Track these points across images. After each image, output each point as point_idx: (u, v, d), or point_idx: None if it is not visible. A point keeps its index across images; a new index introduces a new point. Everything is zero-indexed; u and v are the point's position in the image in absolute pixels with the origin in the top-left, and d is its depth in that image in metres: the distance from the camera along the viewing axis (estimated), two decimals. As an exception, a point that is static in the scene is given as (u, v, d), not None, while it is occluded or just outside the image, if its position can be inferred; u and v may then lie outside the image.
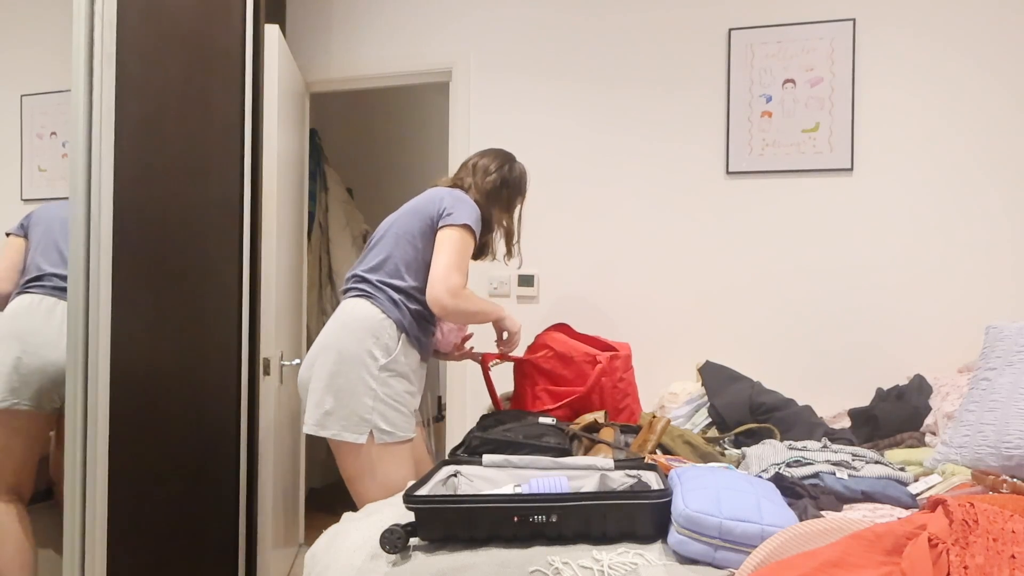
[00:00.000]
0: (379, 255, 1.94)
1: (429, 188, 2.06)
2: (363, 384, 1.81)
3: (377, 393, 1.82)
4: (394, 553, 1.24)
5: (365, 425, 1.81)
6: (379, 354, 1.83)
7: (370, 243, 2.02)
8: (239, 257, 2.45)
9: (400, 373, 1.86)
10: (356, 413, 1.81)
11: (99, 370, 1.79)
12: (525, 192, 2.19)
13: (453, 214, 1.90)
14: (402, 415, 1.87)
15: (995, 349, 1.74)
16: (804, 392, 2.62)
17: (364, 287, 1.91)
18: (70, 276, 1.78)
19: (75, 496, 1.77)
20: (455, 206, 1.92)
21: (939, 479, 1.52)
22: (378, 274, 1.91)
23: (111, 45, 1.81)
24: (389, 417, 1.83)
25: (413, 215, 1.94)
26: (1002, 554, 0.85)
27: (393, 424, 1.84)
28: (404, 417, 1.87)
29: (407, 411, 1.89)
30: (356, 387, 1.81)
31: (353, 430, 1.80)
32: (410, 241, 1.92)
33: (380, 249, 1.95)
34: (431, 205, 1.94)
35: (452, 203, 1.93)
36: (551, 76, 2.95)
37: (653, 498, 1.25)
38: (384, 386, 1.83)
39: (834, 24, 2.63)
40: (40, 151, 2.05)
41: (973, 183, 2.52)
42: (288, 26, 3.30)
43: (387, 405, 1.83)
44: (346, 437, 1.80)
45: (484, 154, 2.14)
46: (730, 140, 2.73)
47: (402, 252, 1.92)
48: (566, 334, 2.39)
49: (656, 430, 1.81)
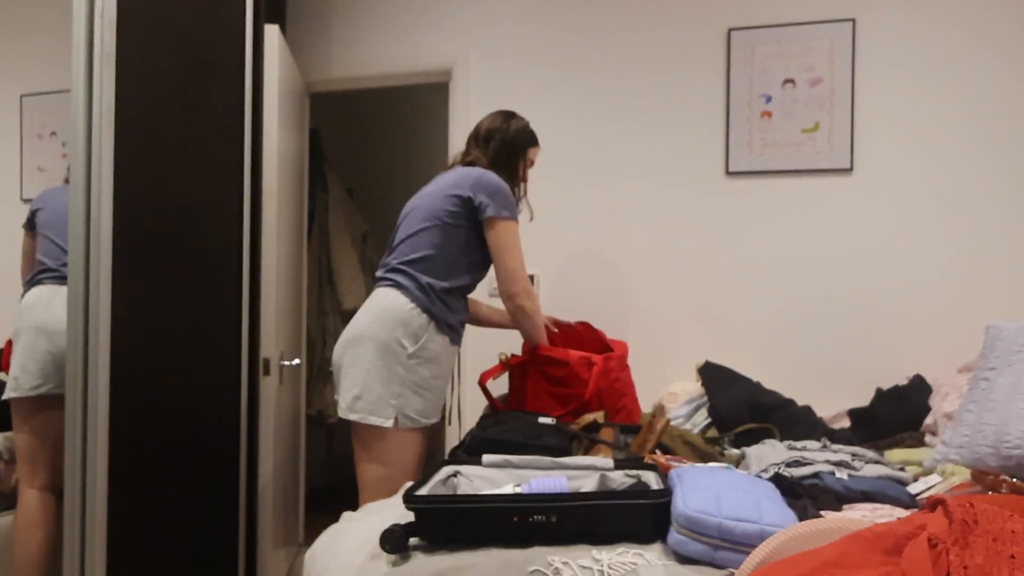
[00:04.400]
0: (408, 242, 2.02)
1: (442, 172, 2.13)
2: (392, 372, 1.92)
3: (405, 379, 1.92)
4: (394, 553, 1.24)
5: (391, 410, 1.92)
6: (407, 343, 1.93)
7: (397, 227, 2.10)
8: (239, 257, 2.45)
9: (428, 359, 1.95)
10: (383, 399, 1.91)
11: (99, 371, 1.79)
12: (529, 144, 2.20)
13: (493, 205, 1.97)
14: (427, 401, 1.96)
15: (994, 349, 1.74)
16: (804, 392, 2.62)
17: (395, 276, 2.00)
18: (70, 277, 1.78)
19: (75, 496, 1.77)
20: (494, 195, 1.99)
21: (939, 479, 1.52)
22: (407, 262, 2.00)
23: (111, 45, 1.81)
24: (415, 403, 1.94)
25: (441, 198, 2.01)
26: (1002, 554, 0.85)
27: (418, 411, 1.94)
28: (428, 404, 1.96)
29: (433, 397, 1.97)
30: (385, 374, 1.92)
31: (380, 414, 1.91)
32: (439, 225, 2.00)
33: (409, 235, 2.03)
34: (460, 186, 2.00)
35: (487, 191, 1.99)
36: (551, 76, 2.95)
37: (653, 498, 1.25)
38: (412, 373, 1.93)
39: (834, 24, 2.63)
40: (40, 151, 2.05)
41: (973, 183, 2.52)
42: (288, 26, 3.30)
43: (413, 391, 1.93)
44: (372, 420, 1.91)
45: (483, 121, 2.19)
46: (730, 140, 2.73)
47: (431, 236, 2.00)
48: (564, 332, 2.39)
49: (656, 430, 1.81)
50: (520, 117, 2.20)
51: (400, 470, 1.94)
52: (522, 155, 2.18)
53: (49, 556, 1.89)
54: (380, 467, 1.94)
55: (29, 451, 1.95)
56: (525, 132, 2.19)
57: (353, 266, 4.00)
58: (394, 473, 1.94)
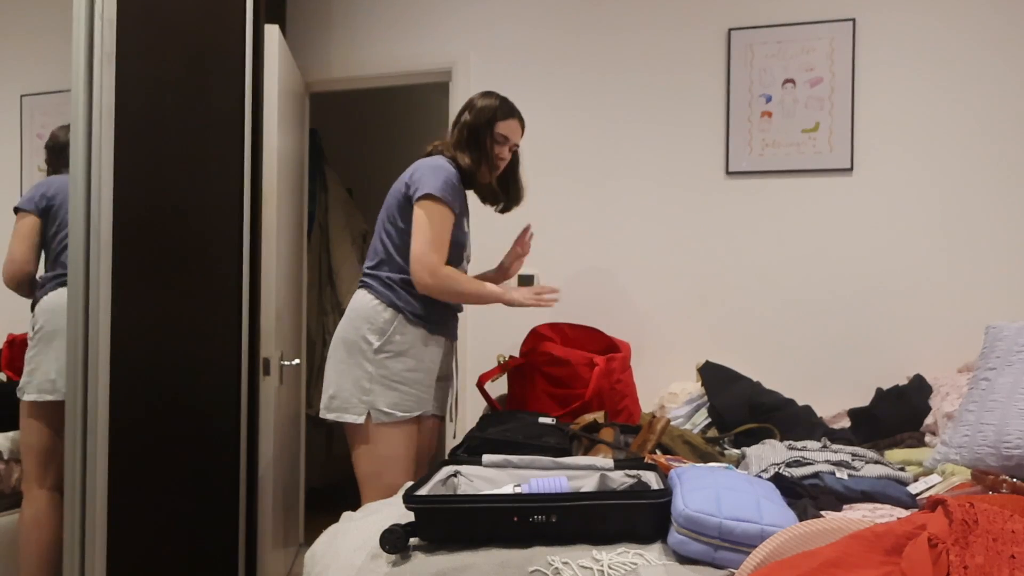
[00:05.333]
0: (372, 244, 2.04)
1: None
2: (360, 369, 1.91)
3: (373, 375, 1.91)
4: (394, 553, 1.24)
5: (363, 406, 1.91)
6: (373, 338, 1.92)
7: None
8: (239, 257, 2.45)
9: (398, 352, 1.93)
10: (355, 395, 1.91)
11: (99, 371, 1.79)
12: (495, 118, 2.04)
13: (419, 187, 1.92)
14: (403, 394, 1.93)
15: (995, 349, 1.74)
16: (804, 392, 2.62)
17: (364, 279, 2.02)
18: (70, 277, 1.78)
19: (75, 495, 1.77)
20: (421, 178, 1.93)
21: (939, 479, 1.52)
22: (373, 264, 2.01)
23: (111, 45, 1.81)
24: (387, 397, 1.91)
25: (391, 195, 2.02)
26: (1002, 554, 0.85)
27: (391, 404, 1.91)
28: (405, 396, 1.93)
29: (411, 389, 1.94)
30: (355, 372, 1.92)
31: (352, 411, 1.91)
32: (392, 221, 2.00)
33: (373, 239, 2.05)
34: (401, 181, 2.00)
35: (419, 175, 1.94)
36: (550, 76, 2.95)
37: (653, 498, 1.25)
38: (381, 367, 1.91)
39: (834, 24, 2.63)
40: (40, 151, 2.05)
41: (973, 183, 2.52)
42: (288, 26, 3.30)
43: (384, 386, 1.91)
44: (346, 418, 1.92)
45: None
46: (730, 140, 2.73)
47: (387, 235, 2.00)
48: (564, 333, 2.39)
49: (656, 430, 1.81)
50: (495, 95, 2.08)
51: (389, 465, 1.92)
52: (488, 131, 2.04)
53: (57, 556, 1.89)
54: (369, 464, 1.93)
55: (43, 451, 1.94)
56: (490, 107, 2.04)
57: (353, 266, 4.00)
58: (384, 468, 1.92)
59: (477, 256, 2.84)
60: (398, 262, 1.98)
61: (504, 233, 2.82)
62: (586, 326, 2.46)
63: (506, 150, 2.08)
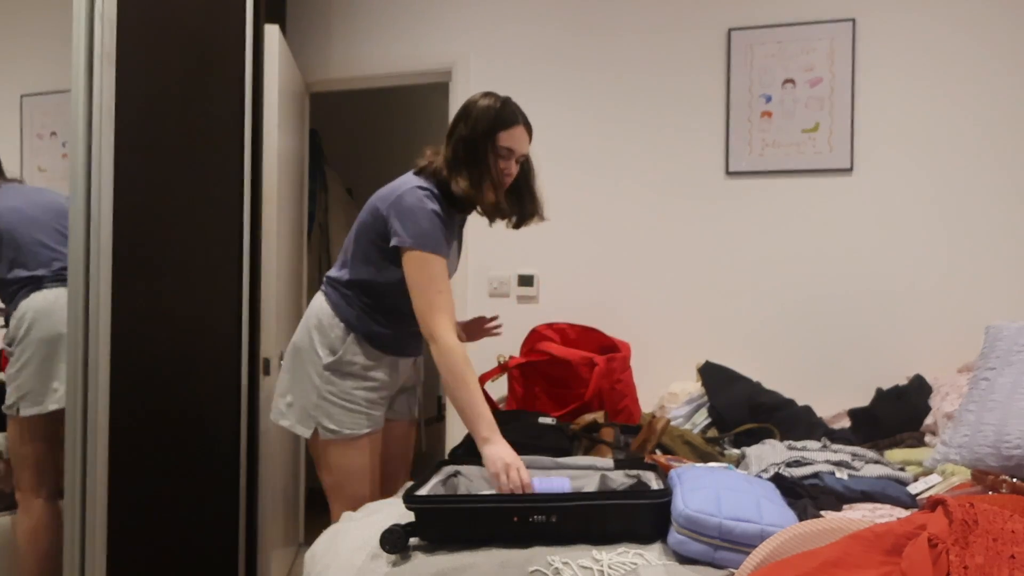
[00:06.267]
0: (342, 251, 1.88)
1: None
2: (309, 381, 1.79)
3: (321, 391, 1.78)
4: (394, 553, 1.24)
5: (311, 421, 1.79)
6: (323, 353, 1.79)
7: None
8: (239, 257, 2.45)
9: (349, 373, 1.78)
10: (305, 409, 1.80)
11: (99, 370, 1.79)
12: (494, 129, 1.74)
13: (400, 236, 1.69)
14: (350, 412, 1.78)
15: (994, 349, 1.74)
16: (804, 392, 2.62)
17: (325, 286, 1.87)
18: (70, 277, 1.78)
19: (75, 496, 1.77)
20: (401, 226, 1.70)
21: (939, 479, 1.52)
22: (335, 269, 1.86)
23: (111, 45, 1.81)
24: (334, 415, 1.78)
25: (365, 209, 1.82)
26: (1002, 554, 0.85)
27: (339, 422, 1.77)
28: (353, 414, 1.79)
29: (359, 407, 1.79)
30: (304, 383, 1.80)
31: (303, 424, 1.80)
32: (363, 233, 1.80)
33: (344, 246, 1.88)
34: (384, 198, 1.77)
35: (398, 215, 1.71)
36: (551, 76, 2.95)
37: (653, 498, 1.25)
38: (329, 384, 1.78)
39: (834, 24, 2.63)
40: (40, 151, 2.05)
41: (973, 183, 2.52)
42: (288, 26, 3.30)
43: (331, 403, 1.78)
44: (298, 430, 1.81)
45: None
46: (730, 140, 2.73)
47: (354, 246, 1.82)
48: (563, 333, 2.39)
49: (656, 430, 1.81)
50: (496, 97, 1.78)
51: (348, 478, 1.80)
52: (488, 144, 1.74)
53: (55, 566, 1.87)
54: (328, 475, 1.82)
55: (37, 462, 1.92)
56: (487, 115, 1.74)
57: (353, 266, 3.99)
58: (344, 480, 1.81)
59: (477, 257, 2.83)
60: (361, 276, 1.79)
61: (506, 233, 2.82)
62: (586, 326, 2.45)
63: (512, 164, 1.79)
